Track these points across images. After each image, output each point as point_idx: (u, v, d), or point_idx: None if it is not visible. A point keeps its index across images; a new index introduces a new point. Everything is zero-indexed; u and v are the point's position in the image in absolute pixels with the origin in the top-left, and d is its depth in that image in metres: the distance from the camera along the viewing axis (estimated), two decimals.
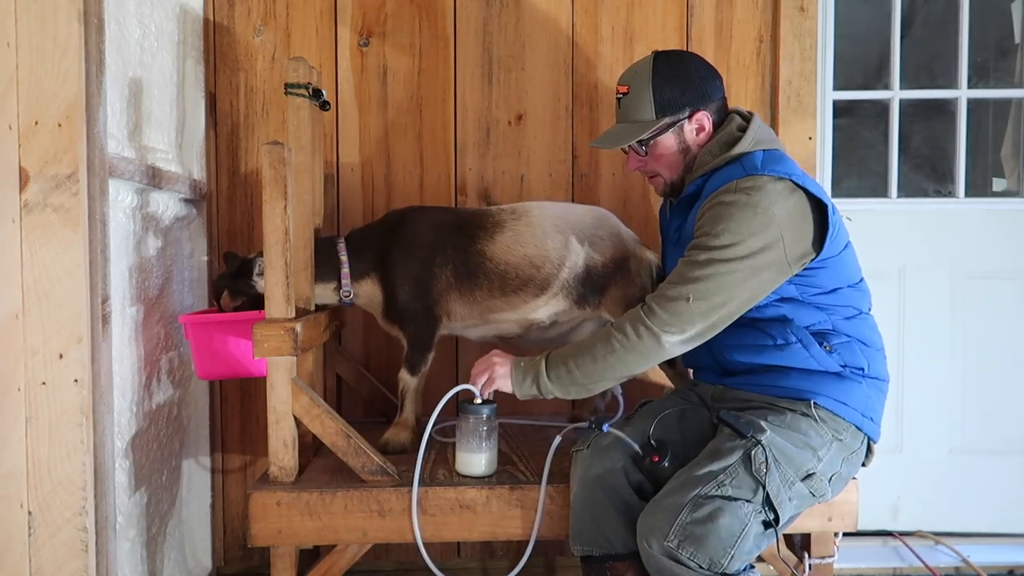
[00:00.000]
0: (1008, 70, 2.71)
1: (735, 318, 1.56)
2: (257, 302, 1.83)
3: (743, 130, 1.65)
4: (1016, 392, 2.44)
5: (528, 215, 1.94)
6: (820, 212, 1.57)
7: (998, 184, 2.80)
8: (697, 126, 1.68)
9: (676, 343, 1.54)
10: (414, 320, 1.90)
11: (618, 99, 1.73)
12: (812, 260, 1.57)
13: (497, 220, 1.94)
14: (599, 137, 1.78)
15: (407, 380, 1.92)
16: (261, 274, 1.82)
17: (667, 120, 1.66)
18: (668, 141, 1.69)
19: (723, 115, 1.71)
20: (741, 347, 1.64)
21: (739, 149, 1.62)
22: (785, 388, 1.58)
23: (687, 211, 1.71)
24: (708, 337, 1.56)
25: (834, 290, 1.61)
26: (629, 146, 1.72)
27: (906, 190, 2.57)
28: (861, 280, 1.68)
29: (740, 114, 1.70)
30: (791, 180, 1.54)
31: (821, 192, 1.57)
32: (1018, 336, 2.44)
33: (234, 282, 1.87)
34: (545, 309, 1.92)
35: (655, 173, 1.75)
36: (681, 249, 1.73)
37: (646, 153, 1.71)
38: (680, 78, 1.66)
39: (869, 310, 1.68)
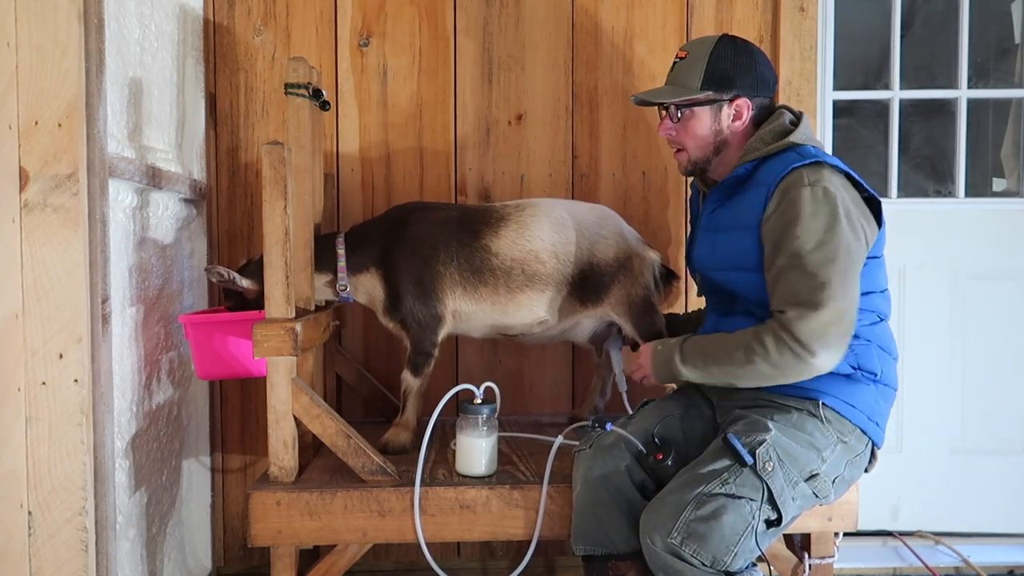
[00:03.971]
0: (1008, 70, 2.71)
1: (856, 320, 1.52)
2: (244, 301, 1.89)
3: (795, 124, 1.66)
4: (1016, 392, 2.44)
5: (534, 210, 1.93)
6: (872, 207, 1.58)
7: (998, 184, 2.80)
8: (735, 112, 1.67)
9: (827, 362, 1.48)
10: (418, 322, 1.89)
11: (675, 62, 1.72)
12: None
13: (502, 215, 1.93)
14: (644, 92, 1.78)
15: (410, 381, 1.91)
16: (241, 271, 1.89)
17: (709, 94, 1.65)
18: (703, 116, 1.67)
19: (766, 113, 1.69)
20: None
21: (794, 139, 1.61)
22: (793, 386, 1.56)
23: (730, 194, 1.68)
24: (846, 348, 1.50)
25: (866, 294, 1.58)
26: (666, 109, 1.71)
27: (906, 190, 2.57)
28: (886, 289, 1.67)
29: (790, 111, 1.69)
30: (847, 173, 1.56)
31: (872, 190, 1.59)
32: (1018, 336, 2.44)
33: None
34: (549, 306, 1.91)
35: (681, 146, 1.73)
36: (713, 235, 1.70)
37: (679, 120, 1.70)
38: (737, 61, 1.65)
39: (887, 319, 1.68)
